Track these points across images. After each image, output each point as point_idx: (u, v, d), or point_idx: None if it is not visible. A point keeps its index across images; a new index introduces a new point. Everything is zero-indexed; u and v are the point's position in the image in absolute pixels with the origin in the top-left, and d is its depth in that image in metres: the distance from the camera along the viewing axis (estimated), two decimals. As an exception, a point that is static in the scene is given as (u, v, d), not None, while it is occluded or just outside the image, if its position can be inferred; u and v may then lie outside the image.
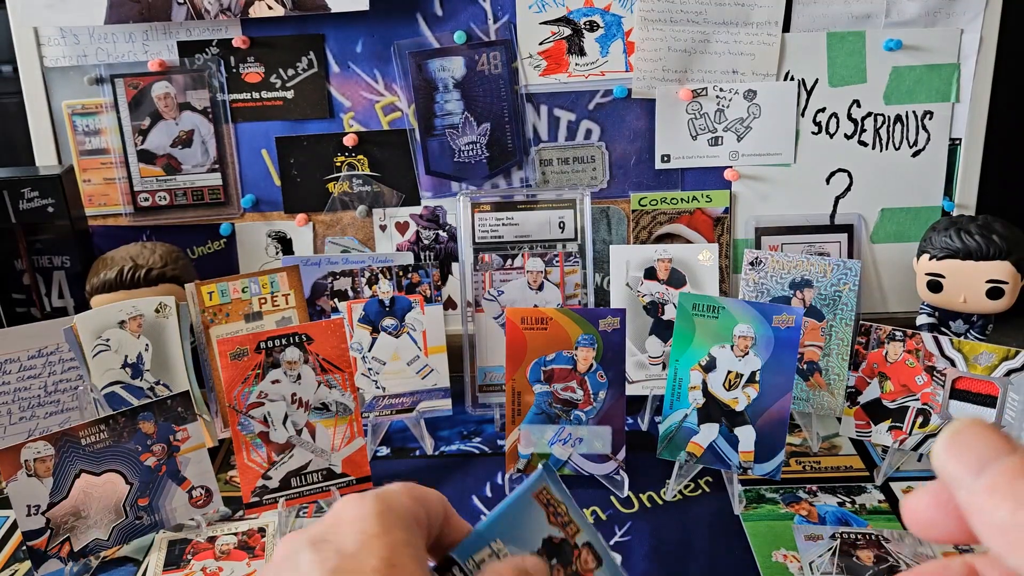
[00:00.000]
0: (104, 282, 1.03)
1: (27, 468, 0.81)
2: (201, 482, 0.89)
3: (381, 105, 1.16)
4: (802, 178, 1.18)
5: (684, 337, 0.93)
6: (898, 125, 1.16)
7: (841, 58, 1.14)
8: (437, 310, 1.03)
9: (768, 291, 1.04)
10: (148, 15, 1.10)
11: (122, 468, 0.85)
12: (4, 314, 1.13)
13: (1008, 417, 0.90)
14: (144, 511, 0.87)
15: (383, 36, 1.14)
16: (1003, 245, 0.99)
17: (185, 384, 0.99)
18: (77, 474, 0.83)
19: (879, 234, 1.20)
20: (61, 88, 1.14)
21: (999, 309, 1.02)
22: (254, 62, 1.15)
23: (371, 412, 1.04)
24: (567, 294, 1.07)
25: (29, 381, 0.99)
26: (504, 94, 1.15)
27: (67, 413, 1.02)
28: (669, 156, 1.17)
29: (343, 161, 1.18)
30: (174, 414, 0.87)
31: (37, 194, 1.06)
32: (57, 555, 0.83)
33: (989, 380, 0.91)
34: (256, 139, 1.17)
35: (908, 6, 1.12)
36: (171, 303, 0.99)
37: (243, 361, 0.87)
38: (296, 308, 1.05)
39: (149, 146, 1.16)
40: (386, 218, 1.20)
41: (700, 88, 1.15)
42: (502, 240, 1.11)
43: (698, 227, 1.19)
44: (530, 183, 1.18)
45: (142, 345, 0.98)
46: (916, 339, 0.93)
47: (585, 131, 1.17)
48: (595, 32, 1.14)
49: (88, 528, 0.85)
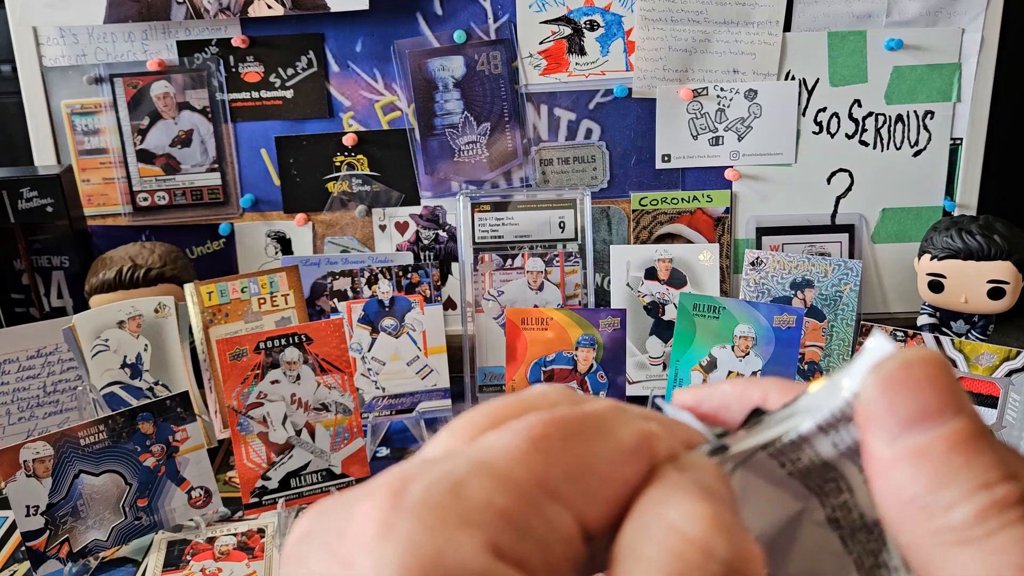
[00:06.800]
0: (103, 282, 1.03)
1: (26, 468, 0.81)
2: (200, 483, 0.89)
3: (381, 105, 1.16)
4: (803, 178, 1.18)
5: (685, 337, 0.93)
6: (899, 125, 1.16)
7: (842, 58, 1.14)
8: (437, 310, 1.03)
9: (769, 291, 1.04)
10: (147, 14, 1.10)
11: (121, 468, 0.85)
12: (3, 314, 1.12)
13: (1009, 418, 0.90)
14: (143, 512, 0.87)
15: (383, 35, 1.14)
16: (1004, 245, 0.99)
17: (184, 384, 0.99)
18: (76, 474, 0.83)
19: (880, 234, 1.19)
20: (60, 88, 1.14)
21: (1000, 309, 1.02)
22: (253, 61, 1.14)
23: (371, 412, 1.03)
24: (567, 294, 1.06)
25: (28, 381, 0.99)
26: (504, 94, 1.15)
27: (66, 413, 1.01)
28: (670, 156, 1.17)
29: (343, 161, 1.18)
30: (173, 414, 0.87)
31: (36, 194, 1.06)
32: (56, 555, 0.83)
33: (990, 380, 0.90)
34: (255, 139, 1.17)
35: (909, 6, 1.12)
36: (170, 303, 0.99)
37: (242, 361, 0.87)
38: (295, 308, 1.05)
39: (148, 146, 1.15)
40: (386, 218, 1.19)
41: (701, 88, 1.15)
42: (502, 240, 1.11)
43: (699, 227, 1.19)
44: (530, 183, 1.18)
45: (141, 345, 0.98)
46: (917, 339, 0.93)
47: (585, 131, 1.17)
48: (595, 31, 1.14)
49: (87, 529, 0.84)
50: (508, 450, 0.20)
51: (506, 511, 0.19)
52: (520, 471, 0.20)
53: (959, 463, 0.19)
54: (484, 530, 0.18)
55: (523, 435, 0.20)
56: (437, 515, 0.18)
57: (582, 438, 0.21)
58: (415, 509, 0.19)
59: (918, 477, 0.20)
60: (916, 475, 0.20)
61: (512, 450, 0.20)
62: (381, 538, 0.18)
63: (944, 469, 0.19)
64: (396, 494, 0.19)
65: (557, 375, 0.92)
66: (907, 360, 0.20)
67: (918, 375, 0.20)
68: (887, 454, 0.20)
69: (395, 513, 0.19)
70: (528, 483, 0.19)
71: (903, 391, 0.20)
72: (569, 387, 0.22)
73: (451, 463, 0.20)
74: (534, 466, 0.20)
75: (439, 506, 0.19)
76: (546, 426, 0.20)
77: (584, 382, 0.92)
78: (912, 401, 0.20)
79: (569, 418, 0.21)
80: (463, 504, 0.19)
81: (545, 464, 0.20)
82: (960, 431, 0.20)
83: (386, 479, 0.19)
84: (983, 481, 0.19)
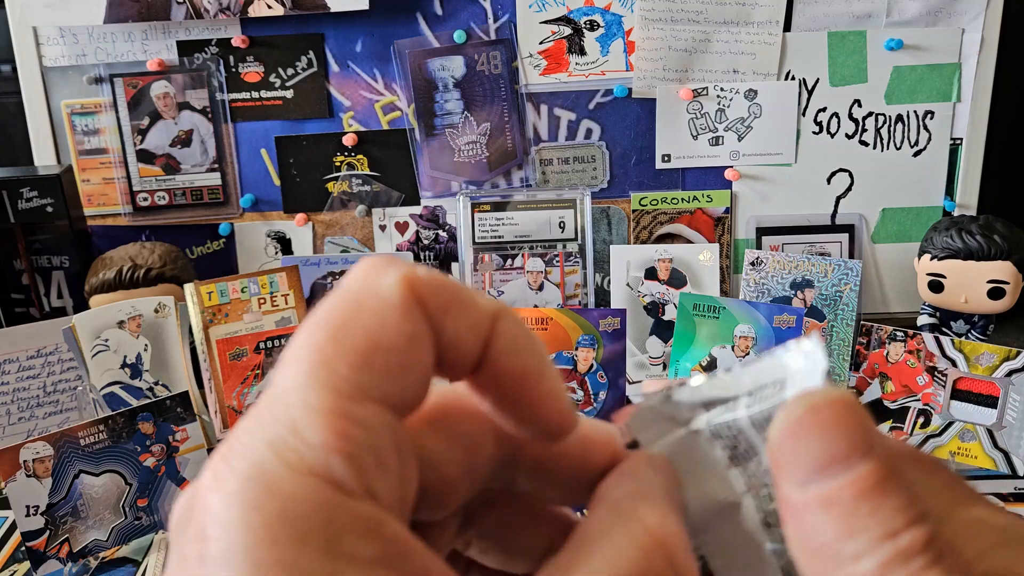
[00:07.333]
0: (103, 282, 1.03)
1: (26, 468, 0.81)
2: (200, 483, 0.89)
3: (381, 105, 1.16)
4: (803, 178, 1.18)
5: (685, 337, 0.93)
6: (899, 125, 1.16)
7: (842, 58, 1.14)
8: (437, 310, 1.03)
9: (769, 291, 1.04)
10: (147, 14, 1.10)
11: (121, 468, 0.85)
12: (3, 314, 1.12)
13: (1009, 418, 0.90)
14: (143, 512, 0.87)
15: (383, 35, 1.14)
16: (1004, 245, 0.99)
17: (184, 384, 0.99)
18: (76, 474, 0.83)
19: (880, 234, 1.19)
20: (60, 88, 1.14)
21: (1000, 309, 1.02)
22: (253, 61, 1.14)
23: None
24: (567, 294, 1.06)
25: (28, 381, 0.99)
26: (504, 94, 1.15)
27: (66, 413, 1.01)
28: (670, 156, 1.17)
29: (343, 161, 1.18)
30: (173, 414, 0.87)
31: (36, 194, 1.06)
32: (56, 556, 0.83)
33: (990, 381, 0.90)
34: (255, 139, 1.17)
35: (909, 6, 1.12)
36: (170, 303, 0.99)
37: (242, 361, 0.87)
38: (295, 308, 1.05)
39: (148, 146, 1.15)
40: (386, 218, 1.19)
41: (701, 88, 1.15)
42: (502, 240, 1.11)
43: (699, 227, 1.19)
44: (530, 183, 1.18)
45: (141, 345, 0.98)
46: (917, 339, 0.93)
47: (585, 131, 1.17)
48: (595, 31, 1.14)
49: (87, 529, 0.84)
50: (294, 380, 0.19)
51: (324, 443, 0.18)
52: (313, 394, 0.19)
53: (865, 511, 0.19)
54: (316, 475, 0.18)
55: (295, 352, 0.19)
56: (268, 473, 0.18)
57: (347, 320, 0.19)
58: (243, 472, 0.18)
59: (827, 525, 0.19)
60: (825, 523, 0.19)
61: (297, 378, 0.19)
62: (216, 490, 0.18)
63: (851, 517, 0.19)
64: (223, 459, 0.18)
65: (557, 375, 0.92)
66: (814, 405, 0.20)
67: (825, 420, 0.20)
68: (797, 500, 0.20)
69: (229, 474, 0.18)
70: (324, 401, 0.18)
71: (810, 437, 0.20)
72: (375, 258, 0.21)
73: (259, 416, 0.19)
74: (320, 378, 0.19)
75: (266, 464, 0.18)
76: (310, 333, 0.20)
77: (584, 382, 0.92)
78: (819, 447, 0.20)
79: (328, 306, 0.20)
80: (286, 455, 0.18)
81: (328, 371, 0.19)
82: (867, 476, 0.19)
83: (217, 450, 0.19)
84: (888, 529, 0.19)
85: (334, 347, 0.19)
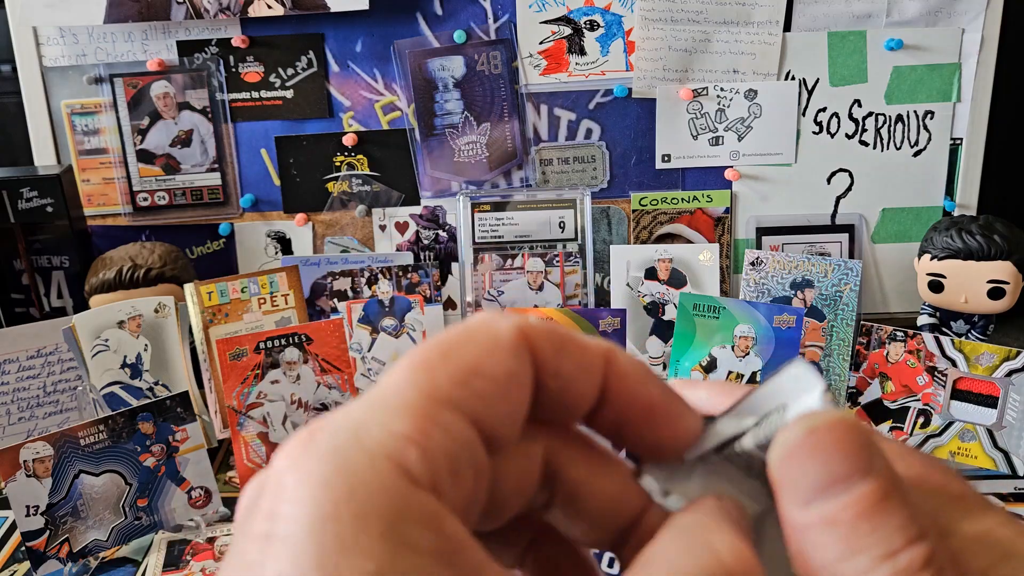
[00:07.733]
0: (103, 282, 1.03)
1: (26, 468, 0.81)
2: (200, 483, 0.89)
3: (381, 105, 1.16)
4: (803, 178, 1.18)
5: (685, 337, 0.93)
6: (899, 125, 1.16)
7: (842, 58, 1.14)
8: (437, 310, 1.03)
9: (769, 291, 1.04)
10: (147, 14, 1.10)
11: (121, 468, 0.85)
12: (3, 314, 1.12)
13: (1009, 418, 0.90)
14: (143, 512, 0.87)
15: (383, 35, 1.14)
16: (1004, 245, 0.99)
17: (184, 384, 0.99)
18: (76, 474, 0.83)
19: (880, 234, 1.20)
20: (60, 88, 1.14)
21: (1000, 309, 1.02)
22: (253, 61, 1.14)
23: (371, 412, 1.03)
24: (567, 294, 1.06)
25: (28, 381, 0.99)
26: (504, 94, 1.15)
27: (66, 413, 1.01)
28: (670, 156, 1.17)
29: (343, 161, 1.18)
30: (173, 414, 0.87)
31: (36, 194, 1.06)
32: (56, 556, 0.83)
33: (990, 381, 0.90)
34: (255, 139, 1.17)
35: (909, 6, 1.12)
36: (170, 303, 0.99)
37: (242, 361, 0.87)
38: (295, 308, 1.05)
39: (148, 146, 1.15)
40: (386, 218, 1.19)
41: (701, 88, 1.15)
42: (502, 240, 1.11)
43: (699, 227, 1.19)
44: (530, 183, 1.18)
45: (141, 345, 0.98)
46: (917, 339, 0.93)
47: (585, 131, 1.17)
48: (595, 31, 1.14)
49: (87, 529, 0.84)
50: (396, 381, 0.20)
51: (406, 434, 0.19)
52: (409, 393, 0.20)
53: (866, 530, 0.19)
54: (390, 459, 0.18)
55: (404, 362, 0.21)
56: (344, 453, 0.19)
57: (459, 345, 0.21)
58: (320, 452, 0.19)
59: (829, 545, 0.20)
60: (827, 542, 0.20)
61: (399, 380, 0.20)
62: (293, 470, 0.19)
63: (852, 537, 0.19)
64: (302, 443, 0.19)
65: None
66: (813, 427, 0.20)
67: (825, 442, 0.20)
68: (799, 520, 0.20)
69: (305, 456, 0.19)
70: (417, 400, 0.20)
71: (811, 459, 0.20)
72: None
73: (350, 408, 0.20)
74: (420, 383, 0.20)
75: (344, 446, 0.19)
76: (423, 349, 0.21)
77: (584, 382, 0.92)
78: (820, 468, 0.20)
79: (445, 335, 0.21)
80: (366, 440, 0.19)
81: (429, 378, 0.20)
82: (867, 495, 0.20)
83: (294, 435, 0.20)
84: (888, 549, 0.19)
85: (440, 362, 0.20)
